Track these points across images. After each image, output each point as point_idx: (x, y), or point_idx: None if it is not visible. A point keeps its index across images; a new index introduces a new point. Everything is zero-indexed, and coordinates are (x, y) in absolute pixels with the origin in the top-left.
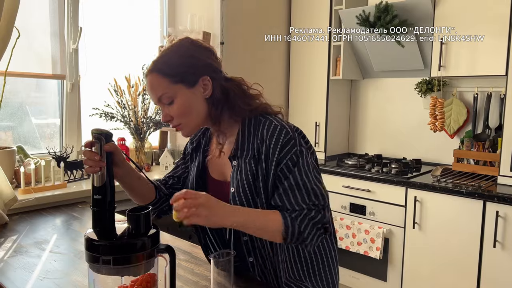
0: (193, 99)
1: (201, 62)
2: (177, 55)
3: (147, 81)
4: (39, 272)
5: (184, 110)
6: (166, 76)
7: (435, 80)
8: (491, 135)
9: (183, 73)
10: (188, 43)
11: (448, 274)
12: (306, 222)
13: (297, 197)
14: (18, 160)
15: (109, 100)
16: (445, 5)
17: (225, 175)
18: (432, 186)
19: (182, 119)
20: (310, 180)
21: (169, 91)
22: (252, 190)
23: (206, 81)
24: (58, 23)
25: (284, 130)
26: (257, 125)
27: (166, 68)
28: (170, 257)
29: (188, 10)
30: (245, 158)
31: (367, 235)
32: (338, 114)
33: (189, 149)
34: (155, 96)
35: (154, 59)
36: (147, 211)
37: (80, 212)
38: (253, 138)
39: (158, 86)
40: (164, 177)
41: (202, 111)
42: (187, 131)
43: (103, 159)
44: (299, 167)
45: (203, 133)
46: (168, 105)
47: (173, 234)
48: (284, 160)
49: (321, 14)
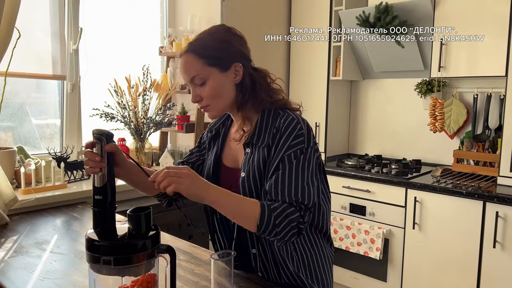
0: (224, 83)
1: (235, 48)
2: (213, 39)
3: (182, 61)
4: (40, 272)
5: (214, 93)
6: (202, 57)
7: (435, 80)
8: (491, 135)
9: (218, 57)
10: (223, 29)
11: (448, 275)
12: (283, 217)
13: (284, 190)
14: (19, 160)
15: (109, 101)
16: (445, 6)
17: (237, 162)
18: (432, 187)
19: (211, 101)
20: (304, 178)
21: (202, 72)
22: (261, 176)
23: (237, 67)
24: (58, 24)
25: (299, 125)
26: (276, 117)
27: (202, 50)
28: (170, 257)
29: (188, 10)
30: (259, 146)
31: (367, 236)
32: (338, 115)
33: (205, 137)
34: (188, 76)
35: (191, 41)
36: (147, 212)
37: (81, 212)
38: (271, 128)
39: (192, 66)
40: (177, 162)
41: (230, 96)
42: (214, 113)
43: (104, 159)
44: (298, 162)
45: (223, 123)
46: (200, 86)
47: (173, 234)
48: (289, 151)
49: (321, 14)
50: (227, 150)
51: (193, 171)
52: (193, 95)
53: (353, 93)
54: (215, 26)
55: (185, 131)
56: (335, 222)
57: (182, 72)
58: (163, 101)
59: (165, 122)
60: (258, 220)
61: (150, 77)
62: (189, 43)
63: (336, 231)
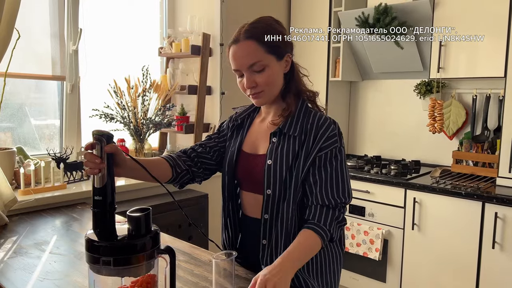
0: (279, 71)
1: (287, 39)
2: (272, 28)
3: (240, 47)
4: (39, 273)
5: (271, 80)
6: (263, 45)
7: (434, 81)
8: (489, 136)
9: (277, 46)
10: (274, 21)
11: (447, 275)
12: (334, 224)
13: (328, 190)
14: (18, 161)
15: (109, 101)
16: (444, 7)
17: (257, 149)
18: (431, 188)
19: (265, 87)
20: (344, 177)
21: (264, 59)
22: (288, 166)
23: (288, 58)
24: (58, 25)
25: (332, 126)
26: (307, 113)
27: (263, 37)
28: (170, 258)
29: (188, 11)
30: (288, 136)
31: (366, 236)
32: (337, 115)
33: (225, 126)
34: (248, 62)
35: (247, 28)
36: (147, 213)
37: (80, 213)
38: (302, 122)
39: (253, 53)
40: (194, 145)
41: (280, 84)
42: (265, 99)
43: (104, 160)
44: (337, 162)
45: (248, 114)
46: (258, 72)
47: (173, 235)
48: (326, 150)
49: (321, 15)
50: (248, 138)
51: (271, 277)
52: (249, 81)
53: (353, 94)
54: (266, 17)
55: (185, 131)
56: None
57: (242, 57)
58: (162, 102)
59: (165, 123)
60: (322, 243)
61: (149, 78)
62: (246, 30)
63: None
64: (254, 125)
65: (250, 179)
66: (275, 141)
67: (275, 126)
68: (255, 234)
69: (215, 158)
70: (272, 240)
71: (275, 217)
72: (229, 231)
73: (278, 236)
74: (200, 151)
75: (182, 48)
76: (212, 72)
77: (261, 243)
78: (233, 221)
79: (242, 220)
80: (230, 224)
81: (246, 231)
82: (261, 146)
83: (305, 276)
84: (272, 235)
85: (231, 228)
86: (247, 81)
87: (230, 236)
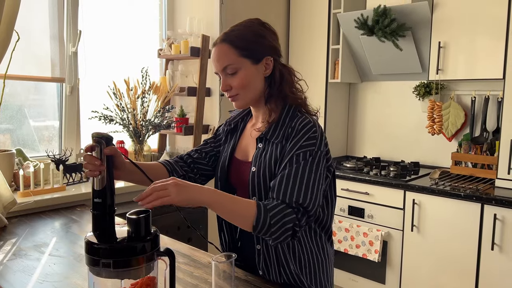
0: (255, 75)
1: (268, 43)
2: (249, 32)
3: (215, 50)
4: (39, 275)
5: (244, 83)
6: (236, 48)
7: (433, 83)
8: (488, 138)
9: (251, 49)
10: (259, 23)
11: (446, 277)
12: (279, 218)
13: (287, 189)
14: (17, 163)
15: (108, 103)
16: (443, 9)
17: (247, 155)
18: (430, 189)
19: (240, 91)
20: (310, 180)
21: (235, 62)
22: (271, 172)
23: (268, 61)
24: (57, 26)
25: (314, 128)
26: (293, 118)
27: (238, 41)
28: (170, 260)
29: (187, 13)
30: (273, 141)
31: (366, 238)
32: (336, 117)
33: (221, 130)
34: (220, 65)
35: (226, 31)
36: (146, 215)
37: (79, 215)
38: (286, 127)
39: (226, 56)
40: (190, 151)
41: (259, 88)
42: (241, 103)
43: (103, 162)
44: (306, 163)
45: (242, 118)
46: (231, 75)
47: (172, 237)
48: (298, 151)
49: (320, 17)
50: (240, 143)
51: (178, 179)
52: (223, 84)
53: (352, 96)
54: (250, 20)
55: (184, 133)
56: (333, 224)
57: (215, 60)
58: (161, 104)
59: (164, 125)
60: (254, 220)
61: (149, 80)
62: (224, 33)
63: (334, 233)
64: (246, 130)
65: (242, 184)
66: (260, 147)
67: (260, 132)
68: (251, 239)
69: (211, 164)
70: (264, 246)
71: None
72: (225, 234)
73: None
74: (196, 156)
75: (182, 50)
76: (211, 74)
77: (256, 248)
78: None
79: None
80: (225, 228)
81: (242, 236)
82: (250, 153)
83: (297, 278)
84: (264, 241)
85: (226, 231)
86: (222, 83)
87: (226, 240)
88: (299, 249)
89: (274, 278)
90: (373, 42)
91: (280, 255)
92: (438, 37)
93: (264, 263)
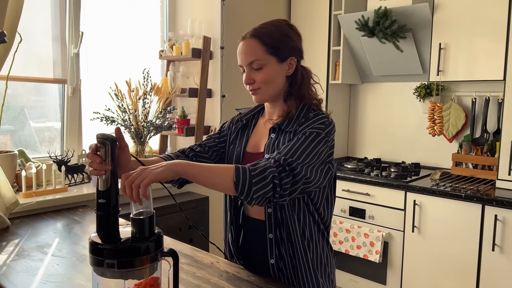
0: (278, 72)
1: (294, 44)
2: (277, 31)
3: (244, 44)
4: (42, 275)
5: (268, 79)
6: (264, 45)
7: (434, 84)
8: (489, 139)
9: (278, 48)
10: (286, 24)
11: (447, 278)
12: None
13: (280, 150)
14: (19, 164)
15: (109, 104)
16: (443, 10)
17: (259, 147)
18: (431, 190)
19: (262, 85)
20: (307, 148)
21: (262, 58)
22: None
23: (292, 61)
24: (59, 28)
25: (327, 120)
26: (309, 112)
27: (266, 38)
28: (173, 260)
29: (189, 14)
30: (286, 131)
31: (367, 239)
32: (337, 118)
33: (226, 127)
34: (247, 59)
35: (255, 27)
36: (151, 215)
37: (81, 216)
38: (301, 119)
39: (254, 51)
40: (193, 145)
41: (280, 86)
42: (261, 97)
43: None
44: (308, 137)
45: (253, 115)
46: (256, 70)
47: (174, 237)
48: (306, 129)
49: (321, 18)
50: (252, 138)
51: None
52: (247, 78)
53: (352, 97)
54: (278, 20)
55: (185, 134)
56: (334, 225)
57: (243, 53)
58: (163, 105)
59: (165, 126)
60: (234, 176)
61: (150, 81)
62: (253, 29)
63: (335, 234)
64: (258, 126)
65: None
66: (273, 137)
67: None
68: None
69: (213, 158)
70: (277, 234)
71: (278, 210)
72: (232, 232)
73: (282, 230)
74: (198, 150)
75: (183, 51)
76: (212, 75)
77: (268, 237)
78: (235, 221)
79: (245, 220)
80: (233, 224)
81: (248, 230)
82: (262, 144)
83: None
84: (276, 229)
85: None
86: (245, 77)
87: (233, 236)
88: (303, 254)
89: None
90: (373, 43)
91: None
92: (439, 38)
93: (277, 250)
